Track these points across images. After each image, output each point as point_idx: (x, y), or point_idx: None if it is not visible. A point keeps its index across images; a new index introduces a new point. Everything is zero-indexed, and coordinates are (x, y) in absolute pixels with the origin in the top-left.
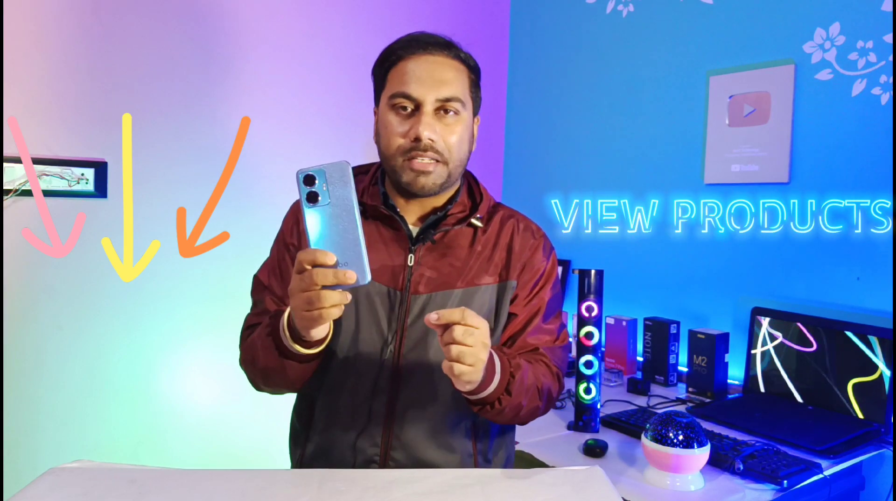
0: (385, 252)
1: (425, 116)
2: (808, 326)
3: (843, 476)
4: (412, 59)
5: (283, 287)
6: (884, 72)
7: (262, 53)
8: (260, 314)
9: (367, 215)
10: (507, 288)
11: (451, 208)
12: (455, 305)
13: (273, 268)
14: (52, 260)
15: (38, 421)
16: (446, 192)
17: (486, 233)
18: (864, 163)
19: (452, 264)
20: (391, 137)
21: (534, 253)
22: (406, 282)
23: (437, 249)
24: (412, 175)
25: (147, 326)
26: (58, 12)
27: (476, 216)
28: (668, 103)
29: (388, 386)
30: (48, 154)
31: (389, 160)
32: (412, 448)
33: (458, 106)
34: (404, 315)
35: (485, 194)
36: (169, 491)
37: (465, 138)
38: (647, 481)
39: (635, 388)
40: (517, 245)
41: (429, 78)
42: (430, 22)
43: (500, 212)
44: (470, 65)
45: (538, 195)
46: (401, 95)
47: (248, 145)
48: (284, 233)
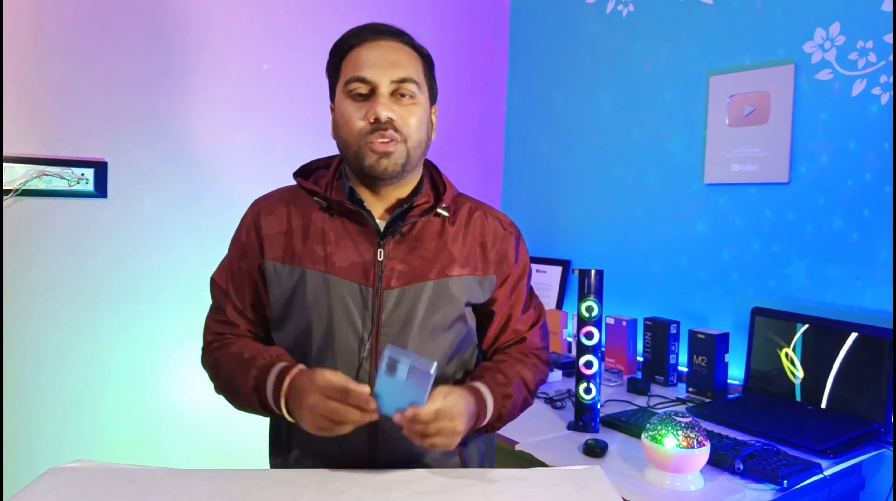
0: (353, 249)
1: (382, 97)
2: (808, 326)
3: (843, 476)
4: (365, 46)
5: (241, 294)
6: (884, 72)
7: (261, 53)
8: (224, 323)
9: (332, 210)
10: (487, 282)
11: (417, 199)
12: (429, 297)
13: (231, 272)
14: (52, 260)
15: (38, 421)
16: (409, 181)
17: (455, 224)
18: (864, 163)
19: (423, 257)
20: (350, 123)
21: (508, 246)
22: (378, 277)
23: (406, 242)
24: (374, 157)
25: (147, 326)
26: (58, 12)
27: (442, 206)
28: (668, 103)
29: (369, 383)
30: (48, 154)
31: (351, 146)
32: (398, 442)
33: (414, 88)
34: (378, 311)
35: (448, 184)
36: (169, 491)
37: (424, 121)
38: (647, 481)
39: (635, 388)
40: (489, 239)
41: (382, 61)
42: (431, 22)
43: (467, 203)
44: (422, 53)
45: (538, 195)
46: (356, 80)
47: (247, 145)
48: (241, 233)
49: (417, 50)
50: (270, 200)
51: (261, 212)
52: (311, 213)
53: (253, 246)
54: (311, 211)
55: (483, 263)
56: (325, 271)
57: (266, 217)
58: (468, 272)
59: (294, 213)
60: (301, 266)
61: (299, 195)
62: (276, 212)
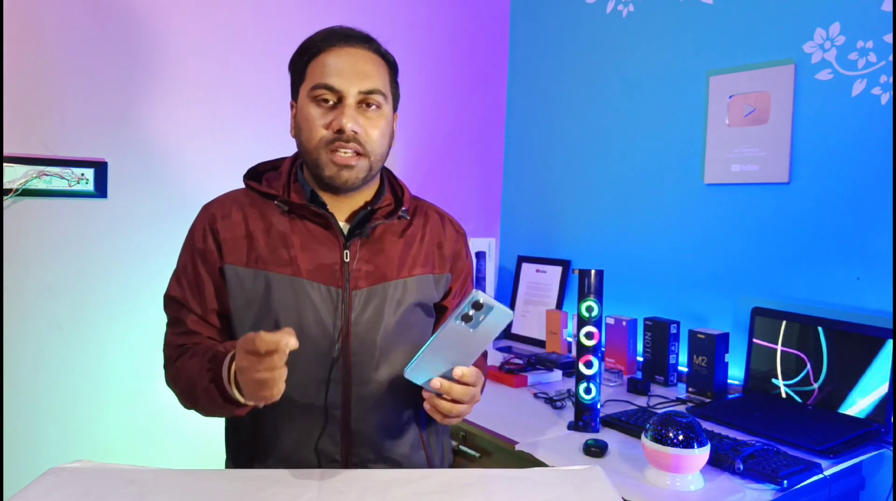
0: (319, 251)
1: (348, 108)
2: (808, 326)
3: (843, 476)
4: (333, 52)
5: (202, 301)
6: (884, 72)
7: (258, 52)
8: (184, 334)
9: (294, 213)
10: (444, 280)
11: (380, 201)
12: (396, 296)
13: (188, 280)
14: (53, 260)
15: (38, 421)
16: (370, 186)
17: (413, 226)
18: (864, 163)
19: (388, 257)
20: (313, 129)
21: (460, 247)
22: (346, 279)
23: (370, 243)
24: (335, 169)
25: (147, 326)
26: (57, 12)
27: (402, 210)
28: (668, 103)
29: (341, 383)
30: (48, 154)
31: (311, 153)
32: (370, 440)
33: (381, 99)
34: (347, 311)
35: (404, 188)
36: (169, 491)
37: (387, 133)
38: (647, 481)
39: (635, 388)
40: (445, 240)
41: (350, 70)
42: (430, 22)
43: (422, 206)
44: (389, 60)
45: (538, 195)
46: (322, 87)
47: (247, 145)
48: (195, 239)
49: (384, 56)
50: (223, 203)
51: (216, 215)
52: (270, 216)
53: (211, 250)
54: (271, 214)
55: (440, 261)
56: (292, 274)
57: (222, 221)
58: (429, 271)
59: (252, 215)
60: (266, 270)
61: (254, 198)
62: (231, 216)
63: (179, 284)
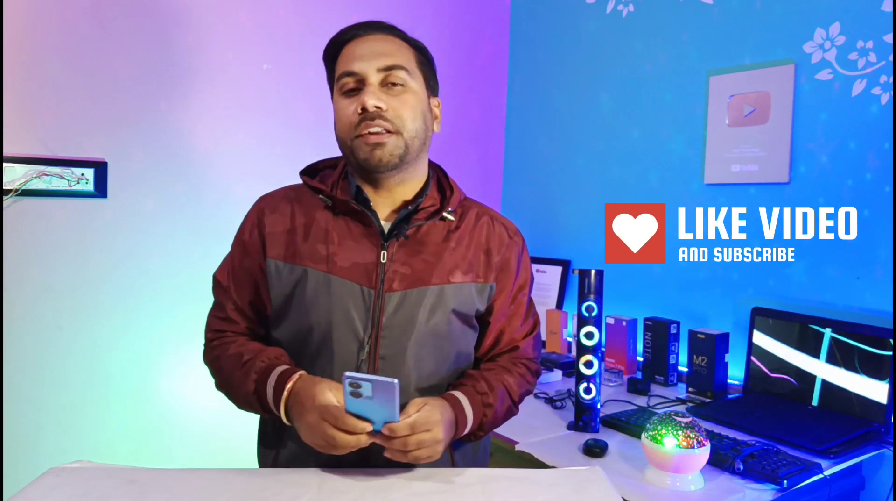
0: (356, 249)
1: (370, 87)
2: (808, 326)
3: (843, 476)
4: (353, 42)
5: (241, 292)
6: (884, 72)
7: (260, 53)
8: (224, 320)
9: (336, 210)
10: (486, 290)
11: (422, 201)
12: (431, 301)
13: (232, 269)
14: (52, 260)
15: (38, 421)
16: (414, 181)
17: (460, 229)
18: (864, 163)
19: (426, 260)
20: (342, 118)
21: (511, 254)
22: (380, 280)
23: (410, 244)
24: (367, 150)
25: (147, 326)
26: (57, 12)
27: (448, 210)
28: (668, 103)
29: None
30: (48, 154)
31: (346, 142)
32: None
33: (404, 75)
34: (379, 314)
35: (455, 188)
36: (169, 491)
37: (419, 111)
38: (647, 481)
39: (635, 388)
40: (494, 245)
41: (369, 53)
42: (431, 22)
43: (474, 209)
44: (416, 45)
45: (538, 195)
46: (345, 75)
47: (247, 145)
48: (244, 230)
49: (408, 41)
50: (275, 197)
51: (264, 209)
52: (314, 211)
53: (255, 245)
54: (316, 210)
55: (486, 270)
56: (327, 270)
57: (270, 215)
58: (470, 279)
59: (298, 211)
60: (302, 265)
61: (304, 194)
62: (279, 210)
63: (227, 270)
